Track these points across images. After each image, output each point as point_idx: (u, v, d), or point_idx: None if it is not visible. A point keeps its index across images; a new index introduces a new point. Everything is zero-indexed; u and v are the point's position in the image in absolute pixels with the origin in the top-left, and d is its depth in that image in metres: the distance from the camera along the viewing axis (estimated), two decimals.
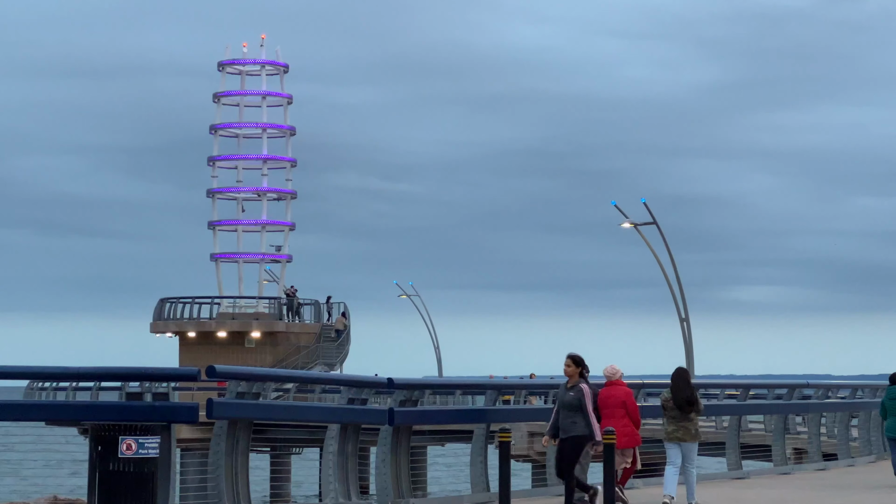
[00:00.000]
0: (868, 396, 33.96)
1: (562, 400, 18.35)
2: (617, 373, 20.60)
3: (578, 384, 18.28)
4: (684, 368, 20.64)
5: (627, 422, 20.27)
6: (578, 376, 18.34)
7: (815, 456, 30.51)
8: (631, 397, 20.38)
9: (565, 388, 18.39)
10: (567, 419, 18.23)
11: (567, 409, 18.23)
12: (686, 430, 20.19)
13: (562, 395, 18.38)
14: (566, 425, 18.26)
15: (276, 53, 78.62)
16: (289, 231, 78.48)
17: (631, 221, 53.90)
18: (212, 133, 78.42)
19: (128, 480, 15.14)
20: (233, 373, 17.74)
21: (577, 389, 18.24)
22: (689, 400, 20.12)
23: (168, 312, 75.56)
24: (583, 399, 18.16)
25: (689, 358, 53.73)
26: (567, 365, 18.37)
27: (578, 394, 18.19)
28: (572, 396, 18.23)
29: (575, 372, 18.34)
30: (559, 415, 18.39)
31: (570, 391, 18.31)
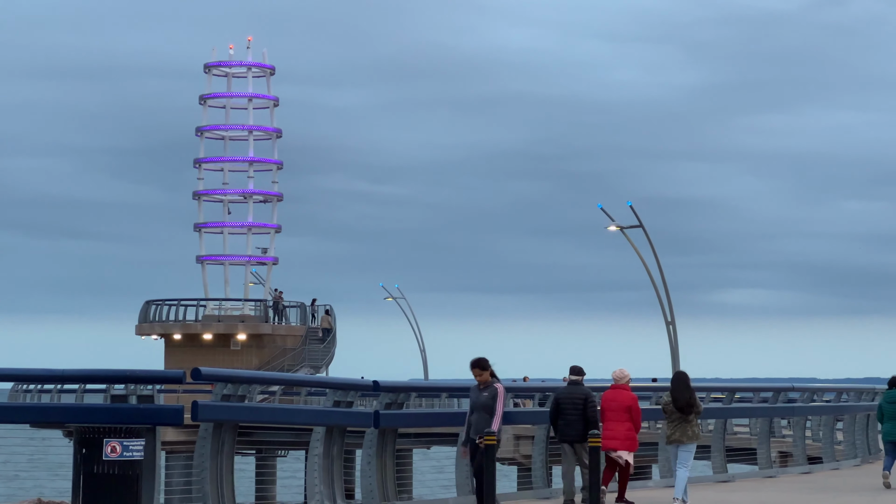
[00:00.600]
0: (853, 400, 34.03)
1: (476, 401, 17.97)
2: (625, 377, 20.81)
3: (492, 384, 17.98)
4: (684, 372, 20.94)
5: (630, 426, 20.65)
6: (490, 377, 18.03)
7: (800, 459, 30.55)
8: (636, 403, 20.71)
9: (478, 390, 18.02)
10: (483, 421, 17.85)
11: (483, 410, 17.88)
12: (684, 432, 20.52)
13: (475, 396, 18.01)
14: (481, 427, 17.84)
15: (262, 55, 78.58)
16: (275, 233, 78.42)
17: (617, 224, 53.94)
18: (198, 135, 78.35)
19: (112, 483, 15.10)
20: (218, 375, 17.71)
21: (492, 389, 17.93)
22: (689, 402, 20.49)
23: (153, 314, 75.44)
24: (496, 398, 17.82)
25: (674, 361, 53.78)
26: (478, 374, 18.03)
27: (493, 393, 17.88)
28: (487, 397, 17.88)
29: (487, 376, 18.02)
30: (473, 417, 18.05)
31: (484, 392, 17.96)
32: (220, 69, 78.21)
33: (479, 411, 17.85)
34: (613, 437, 20.68)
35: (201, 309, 75.83)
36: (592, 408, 20.58)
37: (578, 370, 21.07)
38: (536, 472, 22.74)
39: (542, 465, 22.69)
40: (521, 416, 27.28)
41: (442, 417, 27.97)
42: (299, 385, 46.25)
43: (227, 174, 78.23)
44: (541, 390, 25.20)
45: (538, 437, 22.90)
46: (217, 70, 78.23)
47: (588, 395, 20.65)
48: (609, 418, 20.76)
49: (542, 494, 22.06)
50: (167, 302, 75.88)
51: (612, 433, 20.66)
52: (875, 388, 36.61)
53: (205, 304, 76.15)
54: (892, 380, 25.89)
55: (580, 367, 21.13)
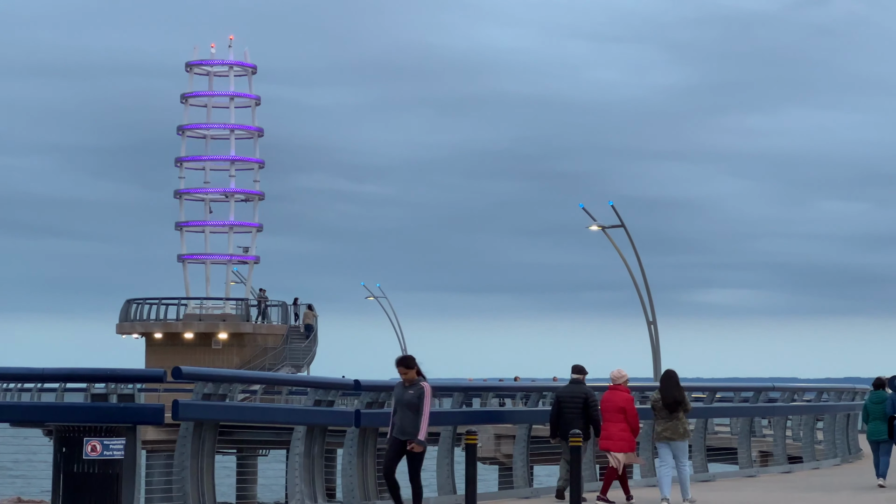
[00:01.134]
0: (833, 399, 34.12)
1: (401, 399, 17.27)
2: (622, 377, 21.11)
3: (419, 382, 17.27)
4: (673, 370, 21.13)
5: (625, 426, 20.97)
6: (417, 375, 17.32)
7: (781, 459, 30.62)
8: (631, 403, 21.03)
9: (403, 387, 17.31)
10: (407, 420, 17.19)
11: (408, 408, 17.20)
12: (675, 430, 20.81)
13: (400, 394, 17.30)
14: (406, 426, 17.20)
15: (244, 54, 78.46)
16: (256, 232, 78.33)
17: (599, 224, 53.99)
18: (179, 134, 78.20)
19: (92, 482, 15.07)
20: (199, 374, 17.69)
21: (418, 387, 17.23)
22: (678, 400, 20.77)
23: (134, 313, 75.29)
24: (423, 397, 17.14)
25: (656, 360, 53.86)
26: (403, 373, 17.34)
27: (419, 391, 17.18)
28: (412, 395, 17.20)
29: (413, 374, 17.29)
30: (396, 415, 17.33)
31: (409, 389, 17.25)
32: (202, 68, 78.07)
33: (404, 409, 17.17)
34: (608, 437, 21.06)
35: (182, 308, 75.69)
36: (594, 407, 21.03)
37: (580, 369, 21.45)
38: (518, 472, 22.74)
39: (523, 465, 22.71)
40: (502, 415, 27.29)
41: None
42: (280, 384, 46.20)
43: (209, 173, 78.09)
44: (522, 389, 25.22)
45: (519, 436, 22.92)
46: (199, 69, 78.08)
47: (588, 394, 21.06)
48: (605, 419, 21.13)
49: (523, 494, 22.07)
50: (148, 301, 75.73)
51: (608, 433, 21.06)
52: (855, 387, 36.71)
53: (186, 303, 76.01)
54: (876, 381, 26.03)
55: (582, 367, 21.50)
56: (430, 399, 17.10)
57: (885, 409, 24.75)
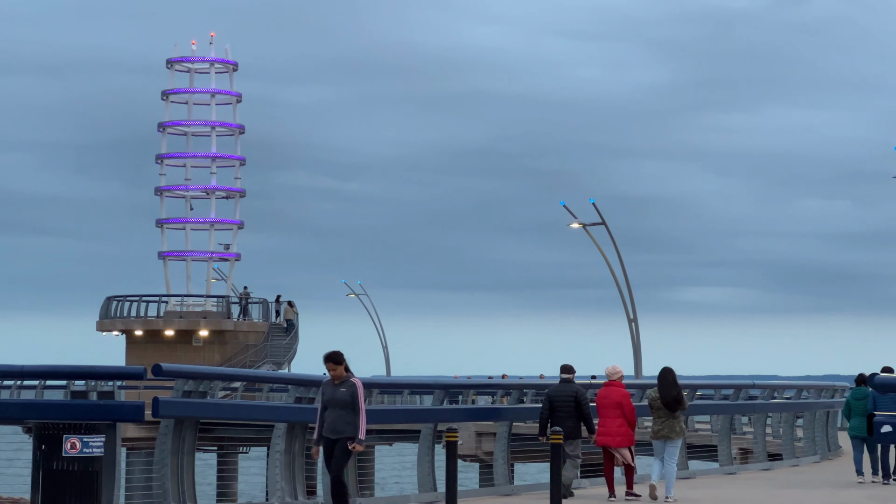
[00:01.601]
0: (813, 397, 34.19)
1: (332, 397, 16.48)
2: (617, 373, 21.38)
3: (349, 379, 16.53)
4: (670, 368, 21.30)
5: (623, 422, 21.18)
6: (346, 371, 16.56)
7: (761, 456, 30.69)
8: (627, 399, 21.25)
9: (333, 385, 16.52)
10: (340, 418, 16.42)
11: (339, 407, 16.43)
12: (672, 428, 21.04)
13: (330, 392, 16.52)
14: (339, 425, 16.42)
15: (225, 51, 78.32)
16: (237, 229, 78.22)
17: (580, 222, 54.02)
18: (160, 131, 78.04)
19: (72, 479, 15.04)
20: (179, 371, 17.67)
21: (350, 384, 16.45)
22: (676, 398, 20.97)
23: (115, 311, 75.11)
24: (356, 395, 16.40)
25: (636, 358, 53.93)
26: (332, 368, 16.59)
27: (351, 389, 16.41)
28: (344, 392, 16.42)
29: (342, 371, 16.52)
30: (326, 414, 16.52)
31: (340, 387, 16.46)
32: (183, 65, 77.92)
33: (335, 408, 16.42)
34: (607, 432, 21.27)
35: (163, 305, 75.55)
36: (585, 405, 21.36)
37: (569, 368, 21.78)
38: (498, 470, 22.75)
39: (503, 463, 22.71)
40: (483, 412, 27.31)
41: (403, 414, 27.97)
42: (261, 381, 46.20)
43: (190, 170, 77.95)
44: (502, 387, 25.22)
45: (500, 433, 22.93)
46: (179, 66, 77.93)
47: (579, 392, 21.36)
48: (603, 414, 21.39)
49: (504, 491, 22.09)
50: (129, 298, 75.57)
51: (606, 429, 21.28)
52: (835, 385, 36.80)
53: (166, 300, 75.87)
54: (858, 377, 26.14)
55: (571, 366, 21.83)
56: (364, 395, 16.47)
57: (867, 405, 24.82)
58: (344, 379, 16.46)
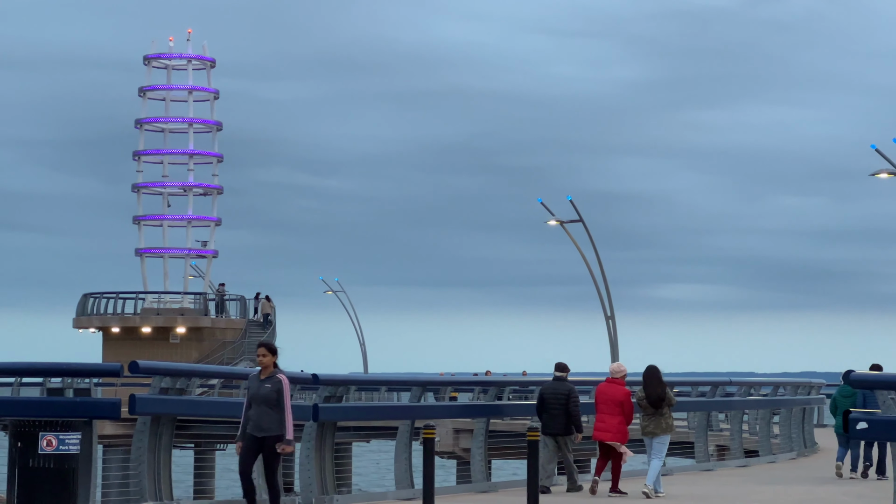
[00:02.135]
0: (789, 394, 34.32)
1: (256, 393, 15.82)
2: (621, 371, 21.67)
3: (276, 374, 15.87)
4: (655, 366, 21.64)
5: (622, 420, 21.54)
6: (274, 366, 15.97)
7: (738, 453, 30.77)
8: (629, 398, 21.61)
9: (259, 380, 15.89)
10: (264, 415, 15.78)
11: (264, 403, 15.76)
12: (658, 425, 21.37)
13: (255, 387, 15.85)
14: (263, 422, 15.79)
15: (202, 48, 78.16)
16: (215, 226, 78.06)
17: (557, 219, 54.04)
18: (137, 127, 77.83)
19: (48, 477, 15.01)
20: (156, 368, 17.66)
21: (275, 381, 15.81)
22: (661, 397, 21.32)
23: (91, 307, 74.91)
24: (282, 391, 15.77)
25: (614, 355, 53.98)
26: (262, 355, 15.93)
27: (277, 385, 15.77)
28: (269, 389, 15.76)
29: (270, 362, 15.91)
30: (251, 410, 15.90)
31: (265, 383, 15.81)
32: (160, 61, 77.72)
33: (260, 405, 15.77)
34: (606, 429, 21.57)
35: (140, 302, 75.37)
36: (574, 403, 21.89)
37: (563, 367, 22.29)
38: (475, 466, 22.77)
39: (481, 459, 22.74)
40: (460, 409, 27.31)
41: (381, 411, 27.98)
42: (238, 378, 46.08)
43: (167, 167, 77.77)
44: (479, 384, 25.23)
45: (477, 430, 22.95)
46: (157, 62, 77.73)
47: (570, 390, 21.92)
48: (602, 411, 21.66)
49: (481, 488, 22.11)
50: (105, 295, 75.36)
51: (605, 425, 21.57)
52: (811, 382, 36.93)
53: (144, 297, 75.69)
54: (846, 374, 26.22)
55: (564, 364, 22.34)
56: (290, 392, 15.86)
57: (856, 402, 24.90)
58: (270, 374, 15.82)
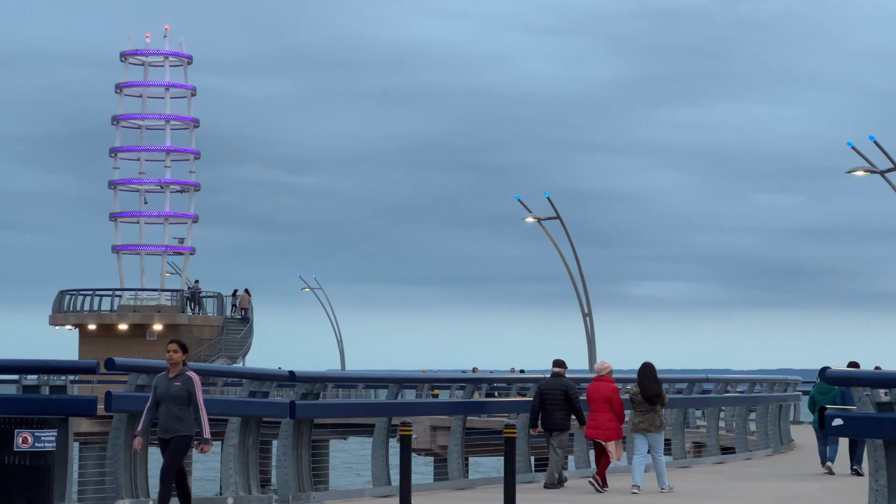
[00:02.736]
0: (766, 391, 34.42)
1: (166, 392, 15.09)
2: (606, 368, 21.89)
3: (185, 372, 15.18)
4: (650, 363, 21.76)
5: (612, 416, 21.80)
6: (184, 364, 15.29)
7: (714, 449, 30.86)
8: (617, 394, 21.90)
9: (167, 379, 15.19)
10: (172, 415, 15.05)
11: (173, 403, 15.06)
12: (651, 422, 21.56)
13: (165, 387, 15.14)
14: (171, 423, 15.06)
15: (179, 44, 77.98)
16: (192, 223, 77.91)
17: (534, 216, 54.09)
18: (114, 124, 77.62)
19: (24, 474, 14.97)
20: (132, 365, 17.61)
21: (186, 378, 15.10)
22: (656, 393, 21.50)
23: (68, 304, 74.72)
24: (193, 390, 15.10)
25: (591, 353, 54.07)
26: (173, 351, 15.25)
27: (187, 384, 15.05)
28: (179, 387, 15.04)
29: (181, 359, 15.24)
30: (159, 410, 15.19)
31: (175, 381, 15.11)
32: (137, 58, 77.50)
33: (168, 404, 15.05)
34: (596, 426, 21.85)
35: (117, 299, 75.20)
36: (575, 398, 22.16)
37: (561, 363, 22.59)
38: (453, 463, 22.79)
39: (458, 456, 22.76)
40: (438, 406, 27.31)
41: (358, 408, 27.97)
42: (215, 375, 45.98)
43: (144, 164, 77.57)
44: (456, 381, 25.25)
45: (454, 427, 22.97)
46: (133, 59, 77.51)
47: (568, 386, 22.17)
48: (592, 409, 21.97)
49: (459, 485, 22.12)
50: (82, 292, 75.18)
51: (595, 423, 21.86)
52: (787, 379, 37.05)
53: (120, 294, 75.53)
54: (822, 371, 26.27)
55: (562, 360, 22.65)
56: (202, 391, 15.20)
57: (836, 399, 24.97)
58: (179, 372, 15.18)
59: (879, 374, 14.94)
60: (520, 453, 22.71)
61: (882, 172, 39.45)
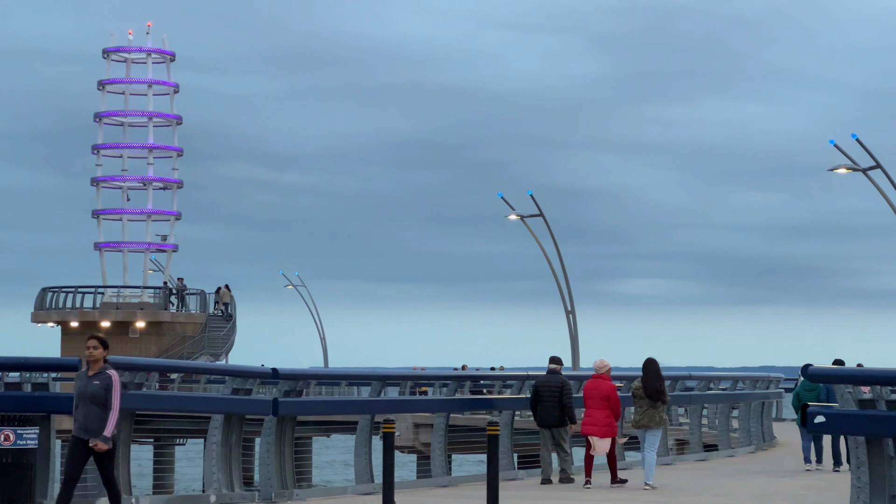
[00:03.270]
0: (748, 388, 34.47)
1: (84, 391, 14.38)
2: (605, 366, 22.00)
3: (105, 370, 14.45)
4: (654, 360, 21.87)
5: (609, 413, 22.02)
6: (105, 362, 14.58)
7: (697, 447, 30.90)
8: (614, 392, 22.12)
9: (87, 377, 14.46)
10: (92, 415, 14.32)
11: (92, 402, 14.33)
12: (651, 418, 21.82)
13: (83, 385, 14.42)
14: (91, 423, 14.31)
15: (162, 41, 77.82)
16: (175, 220, 77.77)
17: (517, 213, 54.10)
18: (96, 121, 77.43)
19: (6, 471, 14.94)
20: (115, 363, 17.55)
21: (105, 377, 14.40)
22: (658, 389, 21.76)
23: (50, 302, 74.54)
24: (111, 388, 14.35)
25: (574, 350, 54.11)
26: (93, 347, 14.57)
27: (106, 382, 14.36)
28: (98, 386, 14.34)
29: (101, 356, 14.55)
30: (78, 409, 14.43)
31: (94, 380, 14.37)
32: (120, 55, 77.32)
33: (88, 403, 14.34)
34: (593, 423, 22.05)
35: (99, 296, 75.04)
36: (567, 395, 22.43)
37: (557, 360, 22.93)
38: (436, 461, 22.79)
39: (441, 454, 22.77)
40: (421, 404, 27.28)
41: (341, 405, 27.97)
42: (198, 372, 45.97)
43: (127, 161, 77.40)
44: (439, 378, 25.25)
45: (437, 425, 22.97)
46: (116, 55, 77.33)
47: (564, 383, 22.49)
48: (589, 406, 22.13)
49: (441, 482, 22.12)
50: (64, 289, 75.00)
51: (593, 420, 22.05)
52: (770, 376, 37.12)
53: (103, 291, 75.36)
54: (804, 368, 26.36)
55: (558, 358, 23.01)
56: (120, 390, 14.47)
57: (821, 396, 25.04)
58: (100, 370, 14.51)
59: (860, 371, 14.97)
60: (503, 451, 22.72)
61: (864, 170, 39.55)
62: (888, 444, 14.23)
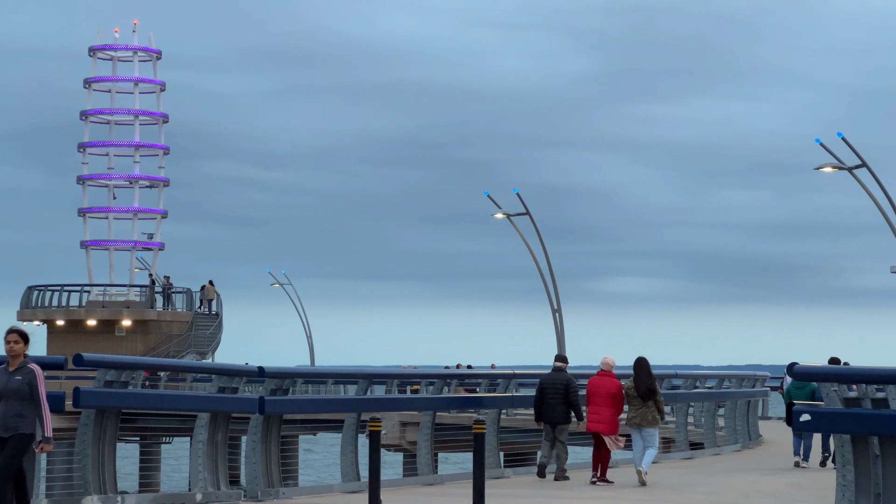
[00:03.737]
0: (734, 386, 34.53)
1: (5, 388, 13.81)
2: (611, 364, 22.08)
3: (26, 365, 13.88)
4: (644, 358, 22.02)
5: (615, 412, 22.26)
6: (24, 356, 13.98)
7: (683, 445, 30.94)
8: (620, 390, 22.23)
9: (7, 372, 13.89)
10: (12, 412, 13.77)
11: (14, 398, 13.80)
12: (644, 417, 22.02)
13: (4, 381, 13.85)
14: (10, 420, 13.76)
15: (148, 39, 77.74)
16: (161, 219, 77.70)
17: (504, 212, 54.11)
18: (82, 119, 77.31)
19: None
20: (101, 361, 17.57)
21: (27, 372, 13.84)
22: (649, 388, 21.90)
23: (36, 300, 74.44)
24: (35, 384, 13.83)
25: (560, 348, 54.14)
26: (14, 342, 13.97)
27: (29, 377, 13.80)
28: (20, 381, 13.78)
29: (22, 350, 13.94)
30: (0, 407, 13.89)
31: (15, 375, 13.82)
32: (106, 53, 77.22)
33: (8, 400, 13.81)
34: (599, 420, 22.26)
35: (85, 295, 74.96)
36: (574, 393, 22.66)
37: (562, 358, 23.19)
38: (422, 459, 22.80)
39: (427, 452, 22.78)
40: (407, 402, 27.29)
41: (327, 403, 27.97)
42: (184, 371, 45.99)
43: (113, 159, 77.31)
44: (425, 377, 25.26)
45: (423, 423, 22.98)
46: (102, 53, 77.23)
47: (569, 381, 22.71)
48: (595, 403, 22.30)
49: (428, 481, 22.13)
50: (50, 287, 74.91)
51: (598, 417, 22.25)
52: (756, 374, 37.19)
53: (89, 289, 75.28)
54: (790, 366, 26.43)
55: (564, 356, 23.33)
56: (44, 385, 13.91)
57: (815, 393, 25.07)
58: (20, 365, 13.92)
59: (846, 370, 14.97)
60: (489, 449, 22.74)
61: (850, 169, 39.62)
62: (874, 443, 14.26)
